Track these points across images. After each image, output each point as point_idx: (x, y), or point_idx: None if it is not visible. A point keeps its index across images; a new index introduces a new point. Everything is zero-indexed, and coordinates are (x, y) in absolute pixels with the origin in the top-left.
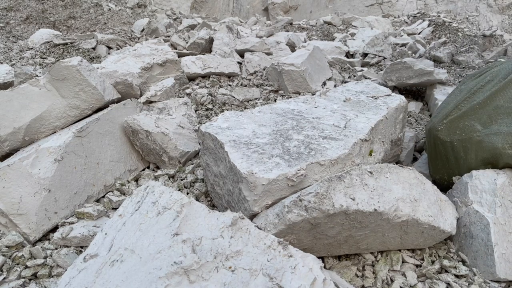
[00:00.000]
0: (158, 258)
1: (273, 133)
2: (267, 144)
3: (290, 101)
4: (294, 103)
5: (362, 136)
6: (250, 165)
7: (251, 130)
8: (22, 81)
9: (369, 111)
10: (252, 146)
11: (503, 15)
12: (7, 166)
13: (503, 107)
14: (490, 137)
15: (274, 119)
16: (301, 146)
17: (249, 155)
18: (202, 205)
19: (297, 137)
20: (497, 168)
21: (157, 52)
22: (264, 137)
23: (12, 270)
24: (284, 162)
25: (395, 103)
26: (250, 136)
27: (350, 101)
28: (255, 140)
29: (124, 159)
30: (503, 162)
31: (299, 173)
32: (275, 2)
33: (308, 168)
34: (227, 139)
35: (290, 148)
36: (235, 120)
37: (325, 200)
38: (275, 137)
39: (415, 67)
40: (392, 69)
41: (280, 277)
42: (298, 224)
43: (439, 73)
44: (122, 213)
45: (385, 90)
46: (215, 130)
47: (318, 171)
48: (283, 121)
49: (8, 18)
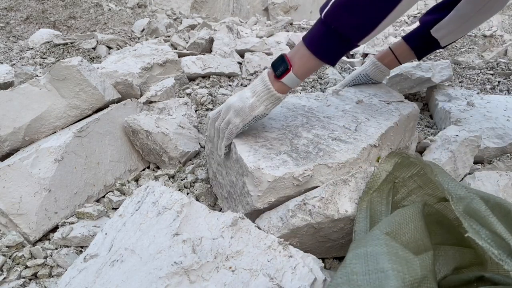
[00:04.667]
0: (159, 258)
1: (283, 128)
2: (275, 139)
3: (302, 96)
4: (306, 98)
5: (372, 142)
6: (257, 159)
7: (260, 122)
8: (22, 81)
9: (380, 115)
10: (260, 139)
11: (503, 15)
12: (7, 166)
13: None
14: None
15: (284, 114)
16: (309, 145)
17: (257, 149)
18: (202, 205)
19: (306, 135)
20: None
21: (157, 52)
22: (273, 131)
23: (12, 270)
24: (291, 160)
25: (407, 110)
26: (259, 129)
27: (363, 103)
28: (263, 133)
29: (124, 159)
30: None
31: (306, 174)
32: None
33: (315, 169)
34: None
35: (299, 146)
36: None
37: (330, 205)
38: (284, 132)
39: (413, 77)
40: (392, 83)
41: (280, 277)
42: (302, 228)
43: (438, 76)
44: (122, 213)
45: (398, 96)
46: None
47: (325, 173)
48: (293, 117)
49: (8, 18)
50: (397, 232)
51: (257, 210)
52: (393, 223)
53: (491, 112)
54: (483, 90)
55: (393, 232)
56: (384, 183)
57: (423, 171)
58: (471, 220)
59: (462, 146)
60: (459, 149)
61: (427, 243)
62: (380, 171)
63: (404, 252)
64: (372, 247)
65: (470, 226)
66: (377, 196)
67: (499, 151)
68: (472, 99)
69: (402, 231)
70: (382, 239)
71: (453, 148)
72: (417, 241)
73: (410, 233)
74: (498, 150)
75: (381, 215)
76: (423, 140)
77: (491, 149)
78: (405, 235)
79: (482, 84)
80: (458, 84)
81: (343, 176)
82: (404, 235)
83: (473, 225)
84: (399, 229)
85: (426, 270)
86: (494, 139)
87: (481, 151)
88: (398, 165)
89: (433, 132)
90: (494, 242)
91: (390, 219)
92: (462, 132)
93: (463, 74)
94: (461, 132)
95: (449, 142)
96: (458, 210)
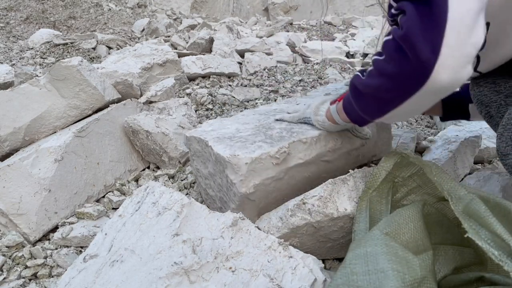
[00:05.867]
0: (159, 259)
1: (256, 127)
2: (250, 135)
3: (272, 104)
4: (276, 104)
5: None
6: (233, 151)
7: (235, 128)
8: (22, 81)
9: None
10: (235, 138)
11: None
12: (7, 166)
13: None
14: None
15: (257, 118)
16: (283, 132)
17: (232, 144)
18: (202, 205)
19: (279, 126)
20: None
21: (157, 52)
22: (247, 131)
23: (12, 270)
24: (266, 145)
25: None
26: (234, 132)
27: (330, 95)
28: (238, 134)
29: (124, 159)
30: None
31: (282, 150)
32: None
33: (291, 146)
34: (211, 137)
35: (273, 134)
36: (219, 124)
37: (329, 203)
38: (258, 129)
39: None
40: None
41: (280, 277)
42: (302, 227)
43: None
44: (122, 214)
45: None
46: (199, 133)
47: (302, 149)
48: (265, 118)
49: (8, 18)
50: (397, 232)
51: (246, 198)
52: (393, 223)
53: None
54: None
55: (392, 232)
56: (384, 182)
57: (422, 171)
58: (471, 220)
59: (462, 146)
60: (459, 149)
61: (426, 243)
62: (380, 170)
63: (404, 252)
64: (372, 247)
65: (470, 226)
66: (377, 196)
67: None
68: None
69: (402, 231)
70: (382, 239)
71: (453, 148)
72: (417, 241)
73: (409, 233)
74: None
75: (381, 214)
76: (423, 141)
77: (491, 149)
78: (404, 235)
79: None
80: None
81: (342, 176)
82: (404, 235)
83: (472, 225)
84: (399, 229)
85: (426, 270)
86: (494, 139)
87: (481, 151)
88: (397, 164)
89: (433, 132)
90: (494, 243)
91: (389, 219)
92: (462, 132)
93: None
94: (461, 132)
95: (449, 142)
96: (458, 211)
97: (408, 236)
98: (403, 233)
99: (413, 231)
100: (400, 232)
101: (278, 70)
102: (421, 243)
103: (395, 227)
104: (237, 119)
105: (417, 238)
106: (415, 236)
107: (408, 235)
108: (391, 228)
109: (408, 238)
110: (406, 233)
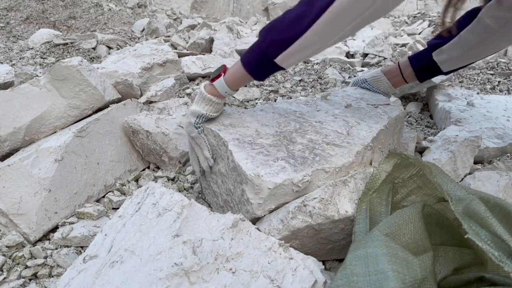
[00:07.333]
0: (159, 260)
1: (277, 134)
2: (271, 145)
3: (292, 102)
4: (296, 104)
5: (365, 144)
6: (256, 166)
7: (254, 129)
8: (22, 81)
9: (370, 119)
10: (256, 146)
11: None
12: (7, 166)
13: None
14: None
15: (276, 120)
16: (305, 151)
17: (254, 156)
18: (202, 206)
19: (301, 141)
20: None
21: (157, 52)
22: (268, 137)
23: (12, 270)
24: (289, 166)
25: (395, 113)
26: (254, 136)
27: (351, 107)
28: (258, 140)
29: (124, 159)
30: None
31: (305, 179)
32: (275, 2)
33: (313, 174)
34: (231, 137)
35: (295, 152)
36: (237, 118)
37: (330, 205)
38: (279, 138)
39: None
40: None
41: (281, 279)
42: (303, 230)
43: (438, 76)
44: (122, 214)
45: (384, 99)
46: (217, 127)
47: (322, 178)
48: (286, 123)
49: (8, 18)
50: (397, 233)
51: (258, 218)
52: (393, 224)
53: (491, 112)
54: (483, 90)
55: (392, 233)
56: (384, 184)
57: (422, 172)
58: (471, 221)
59: (462, 146)
60: (459, 149)
61: (427, 243)
62: (380, 171)
63: (404, 253)
64: (372, 248)
65: (470, 227)
66: (377, 197)
67: (499, 151)
68: (472, 99)
69: (402, 232)
70: (382, 240)
71: (453, 148)
72: (417, 242)
73: (409, 234)
74: (498, 150)
75: (381, 215)
76: (423, 140)
77: (491, 149)
78: (404, 236)
79: (482, 84)
80: (458, 84)
81: (342, 177)
82: (404, 236)
83: (472, 226)
84: (399, 230)
85: (426, 271)
86: (494, 139)
87: (481, 151)
88: (397, 166)
89: (433, 132)
90: (494, 244)
91: (389, 220)
92: (462, 132)
93: (463, 74)
94: (461, 132)
95: (449, 142)
96: (458, 211)
97: (408, 237)
98: (403, 234)
99: (413, 232)
100: (400, 233)
101: None
102: (421, 244)
103: (395, 228)
104: (256, 115)
105: (417, 239)
106: (415, 237)
107: (408, 236)
108: (391, 229)
109: (408, 239)
110: (406, 234)
